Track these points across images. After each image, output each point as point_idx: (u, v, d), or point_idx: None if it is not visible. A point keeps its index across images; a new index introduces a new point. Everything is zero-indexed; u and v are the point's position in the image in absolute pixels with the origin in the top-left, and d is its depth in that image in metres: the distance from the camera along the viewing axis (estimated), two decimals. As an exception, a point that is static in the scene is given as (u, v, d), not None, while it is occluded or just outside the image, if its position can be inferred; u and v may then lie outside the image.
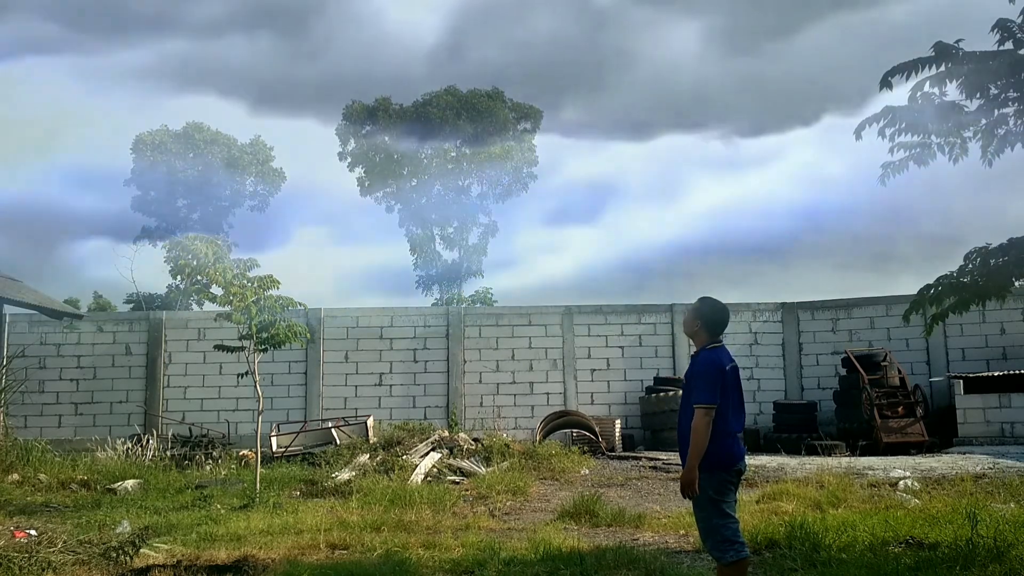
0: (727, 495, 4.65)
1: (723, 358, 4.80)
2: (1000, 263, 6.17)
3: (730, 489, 4.68)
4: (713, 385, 4.67)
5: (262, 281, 10.02)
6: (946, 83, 5.92)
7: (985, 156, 6.07)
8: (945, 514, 7.42)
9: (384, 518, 8.22)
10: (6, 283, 13.92)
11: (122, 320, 17.85)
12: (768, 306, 17.39)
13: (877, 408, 14.17)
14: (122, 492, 10.35)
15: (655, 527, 7.86)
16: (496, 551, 6.58)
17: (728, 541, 4.56)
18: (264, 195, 34.79)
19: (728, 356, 4.86)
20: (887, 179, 6.35)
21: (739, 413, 4.80)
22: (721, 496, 4.63)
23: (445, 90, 34.88)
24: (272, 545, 7.03)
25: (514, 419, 16.77)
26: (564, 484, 11.32)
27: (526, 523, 8.35)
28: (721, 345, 4.89)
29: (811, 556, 6.12)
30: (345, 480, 10.74)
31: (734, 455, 4.71)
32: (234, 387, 15.86)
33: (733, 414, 4.73)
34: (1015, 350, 15.58)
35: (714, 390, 4.66)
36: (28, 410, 16.17)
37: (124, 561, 6.13)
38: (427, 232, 35.09)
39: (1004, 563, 5.56)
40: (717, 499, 4.62)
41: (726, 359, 4.81)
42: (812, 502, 8.63)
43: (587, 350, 17.24)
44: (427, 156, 34.62)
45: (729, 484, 4.68)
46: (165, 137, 32.96)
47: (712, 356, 4.80)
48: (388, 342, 17.26)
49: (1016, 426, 14.28)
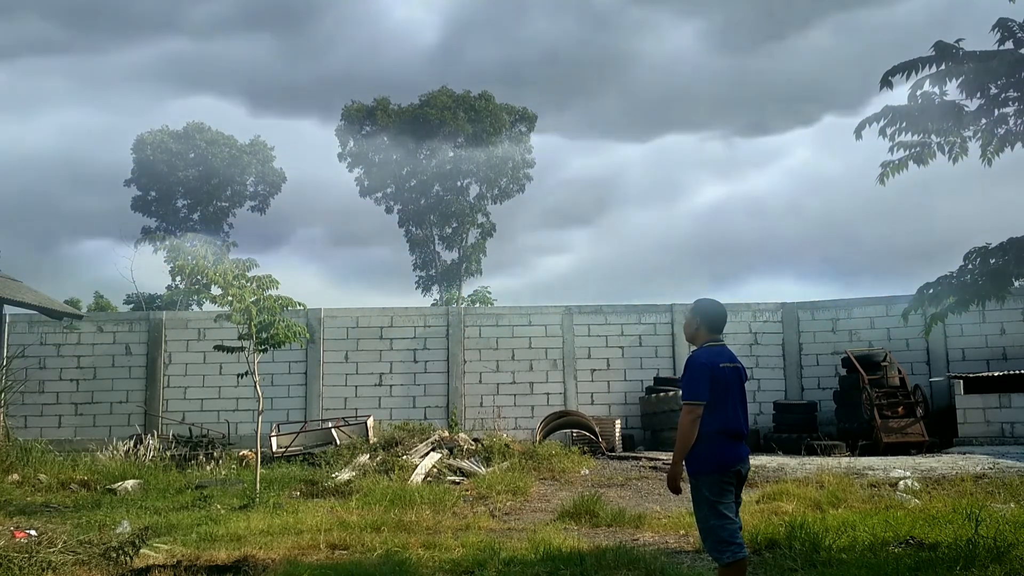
0: (724, 496, 4.60)
1: (717, 356, 4.72)
2: (1000, 263, 6.17)
3: (727, 490, 4.61)
4: (698, 382, 4.63)
5: (261, 281, 10.01)
6: (946, 82, 5.91)
7: (985, 156, 6.07)
8: (945, 514, 7.41)
9: (384, 518, 8.21)
10: (6, 283, 13.92)
11: (122, 320, 17.84)
12: (768, 306, 17.38)
13: (877, 408, 14.17)
14: (122, 492, 10.34)
15: (655, 527, 7.86)
16: (496, 551, 6.58)
17: (724, 542, 4.53)
18: (264, 195, 34.83)
19: (727, 355, 4.79)
20: (886, 178, 6.35)
21: (738, 413, 4.69)
22: (718, 497, 4.59)
23: (444, 91, 34.91)
24: (272, 545, 7.03)
25: (514, 419, 16.77)
26: (564, 484, 11.32)
27: (526, 523, 8.35)
28: (719, 344, 4.82)
29: (811, 556, 6.12)
30: (345, 480, 10.74)
31: (729, 456, 4.63)
32: (234, 387, 15.85)
33: (731, 414, 4.65)
34: (1015, 350, 15.58)
35: (699, 387, 4.62)
36: (28, 410, 16.18)
37: (124, 561, 6.12)
38: (427, 232, 35.12)
39: (1004, 563, 5.55)
40: (714, 500, 4.59)
41: (721, 357, 4.73)
42: (812, 502, 8.63)
43: (587, 350, 17.23)
44: (426, 157, 34.64)
45: (726, 485, 4.61)
46: (165, 137, 32.98)
47: (702, 353, 4.76)
48: (388, 342, 17.26)
49: (1016, 426, 14.28)
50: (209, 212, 34.09)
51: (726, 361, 4.73)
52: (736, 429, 4.67)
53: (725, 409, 4.65)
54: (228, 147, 33.33)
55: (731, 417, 4.66)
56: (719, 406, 4.64)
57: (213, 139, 33.24)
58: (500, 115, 34.28)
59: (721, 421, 4.63)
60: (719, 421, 4.63)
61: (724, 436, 4.64)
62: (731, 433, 4.65)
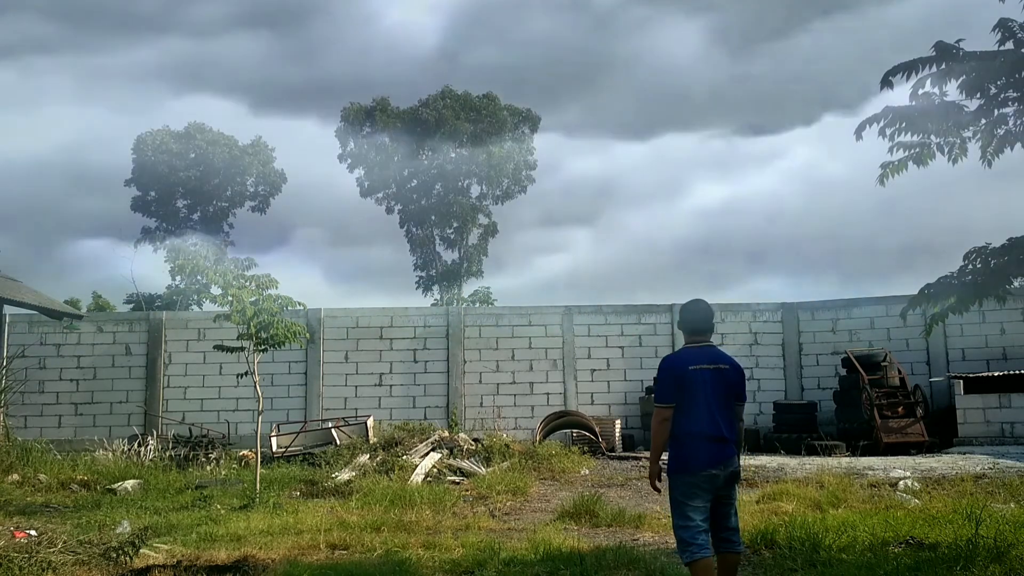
0: (692, 498, 4.60)
1: (691, 358, 4.70)
2: (1000, 263, 6.17)
3: (697, 493, 4.60)
4: (662, 384, 4.73)
5: (261, 281, 10.00)
6: (946, 82, 5.91)
7: (984, 156, 6.06)
8: (945, 514, 7.42)
9: (384, 518, 8.21)
10: (6, 283, 13.91)
11: (122, 320, 17.84)
12: (768, 306, 17.37)
13: (877, 408, 14.17)
14: (122, 492, 10.34)
15: (655, 527, 7.86)
16: (496, 551, 6.58)
17: (684, 542, 4.59)
18: (265, 195, 34.81)
19: (708, 356, 4.73)
20: (886, 179, 6.34)
21: (712, 415, 4.61)
22: (685, 499, 4.61)
23: (444, 91, 34.90)
24: (272, 545, 7.03)
25: (514, 419, 16.77)
26: (564, 484, 11.32)
27: (526, 523, 8.35)
28: (701, 345, 4.79)
29: (811, 556, 6.12)
30: (345, 480, 10.74)
31: (699, 459, 4.59)
32: (234, 387, 15.85)
33: (702, 416, 4.60)
34: (1015, 350, 15.58)
35: (662, 389, 4.71)
36: (28, 410, 16.19)
37: (124, 561, 6.12)
38: (427, 232, 35.11)
39: (1004, 563, 5.55)
40: (681, 501, 4.63)
41: (697, 359, 4.69)
42: (812, 502, 8.63)
43: (587, 350, 17.23)
44: (427, 157, 34.63)
45: (695, 488, 4.60)
46: (166, 137, 32.96)
47: (674, 356, 4.85)
48: (388, 342, 17.26)
49: (1016, 426, 14.28)
50: (209, 212, 34.07)
51: (704, 363, 4.68)
52: (707, 432, 4.61)
53: (694, 411, 4.62)
54: (228, 147, 33.30)
55: (702, 419, 4.61)
56: (689, 408, 4.63)
57: (213, 139, 33.22)
58: (503, 115, 34.28)
59: (690, 423, 4.63)
60: (688, 423, 4.63)
61: (693, 438, 4.62)
62: (702, 436, 4.61)
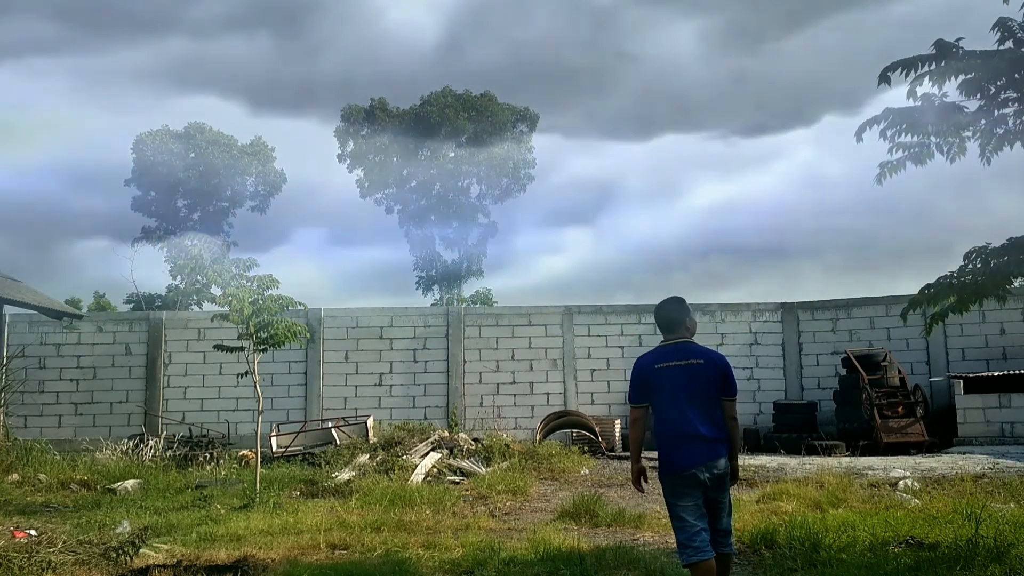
0: (680, 499, 4.53)
1: (660, 357, 4.65)
2: (1000, 263, 6.17)
3: (684, 493, 4.52)
4: (631, 385, 4.73)
5: (261, 281, 10.00)
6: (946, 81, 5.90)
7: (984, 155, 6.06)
8: (945, 514, 7.41)
9: (384, 518, 8.21)
10: (6, 283, 13.92)
11: (122, 320, 17.85)
12: (768, 306, 17.36)
13: (877, 408, 14.17)
14: (122, 492, 10.34)
15: (655, 527, 7.86)
16: (496, 551, 6.58)
17: (681, 544, 4.52)
18: (264, 195, 34.82)
19: (678, 353, 4.62)
20: (884, 179, 6.34)
21: (684, 413, 4.50)
22: (675, 499, 4.56)
23: (444, 91, 34.90)
24: (272, 545, 7.03)
25: (514, 419, 16.77)
26: (564, 484, 11.32)
27: (526, 523, 8.34)
28: (672, 343, 4.70)
29: (811, 556, 6.11)
30: (345, 480, 10.74)
31: (678, 459, 4.52)
32: (234, 387, 15.86)
33: (673, 415, 4.52)
34: (1015, 350, 15.57)
35: (632, 391, 4.71)
36: (28, 410, 16.19)
37: (124, 561, 6.12)
38: (427, 232, 35.12)
39: (1004, 563, 5.55)
40: (671, 502, 4.60)
41: (667, 358, 4.62)
42: (812, 502, 8.63)
43: (587, 350, 17.23)
44: (426, 157, 34.64)
45: (680, 488, 4.52)
46: (166, 137, 32.99)
47: (641, 357, 4.79)
48: (388, 342, 17.26)
49: (1016, 426, 14.28)
50: (209, 212, 34.09)
51: (674, 359, 4.60)
52: (681, 430, 4.52)
53: (664, 410, 4.59)
54: (228, 147, 33.33)
55: (674, 418, 4.54)
56: (660, 407, 4.60)
57: (213, 139, 33.24)
58: (502, 115, 34.28)
59: (661, 423, 4.62)
60: (659, 423, 4.63)
61: (668, 438, 4.59)
62: (676, 435, 4.55)
